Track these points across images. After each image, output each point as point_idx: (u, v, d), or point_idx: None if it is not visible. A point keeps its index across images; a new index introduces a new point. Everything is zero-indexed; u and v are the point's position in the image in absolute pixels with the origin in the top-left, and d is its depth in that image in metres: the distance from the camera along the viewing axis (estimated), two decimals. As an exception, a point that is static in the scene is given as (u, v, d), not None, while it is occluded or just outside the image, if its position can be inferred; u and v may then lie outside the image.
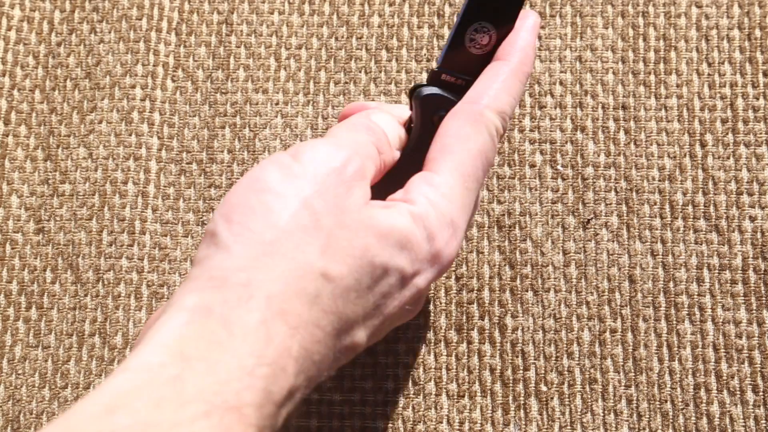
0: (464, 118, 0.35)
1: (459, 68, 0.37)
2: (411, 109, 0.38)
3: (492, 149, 0.36)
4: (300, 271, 0.29)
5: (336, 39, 0.49)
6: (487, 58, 0.37)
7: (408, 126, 0.38)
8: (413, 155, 0.37)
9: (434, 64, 0.46)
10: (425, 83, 0.37)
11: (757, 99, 0.47)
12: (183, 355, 0.27)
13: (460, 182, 0.34)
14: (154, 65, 0.49)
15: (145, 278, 0.46)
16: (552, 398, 0.44)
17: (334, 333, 0.30)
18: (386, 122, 0.37)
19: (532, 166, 0.46)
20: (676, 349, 0.44)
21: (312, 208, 0.30)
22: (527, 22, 0.37)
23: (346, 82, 0.48)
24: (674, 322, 0.44)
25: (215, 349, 0.27)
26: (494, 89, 0.36)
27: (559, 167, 0.46)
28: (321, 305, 0.30)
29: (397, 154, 0.36)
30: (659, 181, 0.46)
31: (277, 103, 0.48)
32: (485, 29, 0.37)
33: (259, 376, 0.27)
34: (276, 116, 0.48)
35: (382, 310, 0.32)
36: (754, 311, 0.44)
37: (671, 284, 0.45)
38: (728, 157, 0.46)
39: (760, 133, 0.46)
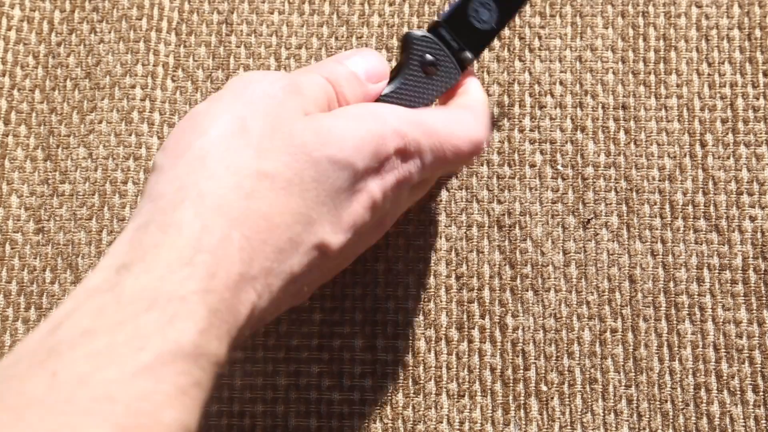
0: (458, 111, 0.38)
1: (457, 33, 0.38)
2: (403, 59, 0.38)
3: (464, 145, 0.37)
4: (233, 169, 0.30)
5: (336, 39, 0.49)
6: (486, 34, 0.39)
7: (395, 69, 0.39)
8: (402, 98, 0.38)
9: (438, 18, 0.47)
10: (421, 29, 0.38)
11: (757, 99, 0.47)
12: (122, 266, 0.27)
13: (422, 126, 0.35)
14: (154, 65, 0.49)
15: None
16: (552, 398, 0.44)
17: (284, 225, 0.30)
18: (357, 60, 0.37)
19: (532, 165, 0.46)
20: (676, 349, 0.44)
21: (242, 118, 0.31)
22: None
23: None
24: (674, 322, 0.44)
25: (152, 250, 0.28)
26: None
27: (559, 167, 0.46)
28: (261, 198, 0.30)
29: (374, 87, 0.37)
30: (659, 181, 0.46)
31: (277, 103, 0.48)
32: (488, 5, 0.38)
33: (199, 263, 0.28)
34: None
35: (340, 208, 0.33)
36: (754, 311, 0.44)
37: (671, 284, 0.45)
38: (728, 157, 0.46)
39: (760, 133, 0.46)
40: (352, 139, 0.32)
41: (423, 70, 0.38)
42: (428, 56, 0.38)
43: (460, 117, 0.37)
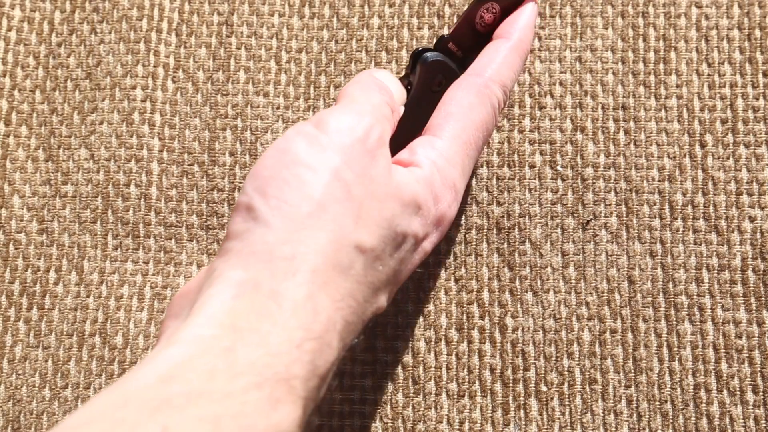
0: (469, 89, 0.37)
1: (462, 41, 0.39)
2: (410, 69, 0.39)
3: (493, 120, 0.38)
4: (337, 243, 0.30)
5: (336, 42, 0.49)
6: (485, 36, 0.40)
7: (406, 86, 0.39)
8: (409, 115, 0.38)
9: (446, 31, 0.48)
10: (430, 48, 0.39)
11: (757, 99, 0.47)
12: (234, 327, 0.27)
13: (462, 149, 0.36)
14: (154, 66, 0.49)
15: (149, 280, 0.46)
16: (552, 398, 0.44)
17: (364, 302, 0.31)
18: (390, 79, 0.37)
19: (532, 166, 0.46)
20: (676, 349, 0.44)
21: (343, 179, 0.31)
22: (527, 6, 0.40)
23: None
24: (674, 322, 0.44)
25: (266, 321, 0.28)
26: (497, 64, 0.38)
27: (558, 168, 0.46)
28: (355, 276, 0.30)
29: (401, 110, 0.37)
30: (659, 181, 0.46)
31: (278, 108, 0.48)
32: (493, 9, 0.39)
33: (306, 350, 0.28)
34: (277, 121, 0.48)
35: (399, 275, 0.34)
36: (753, 311, 0.44)
37: (670, 285, 0.45)
38: (728, 158, 0.46)
39: (760, 134, 0.46)
40: (422, 208, 0.33)
41: (431, 89, 0.39)
42: (438, 76, 0.39)
43: (482, 115, 0.37)
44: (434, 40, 0.47)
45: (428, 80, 0.39)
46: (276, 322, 0.28)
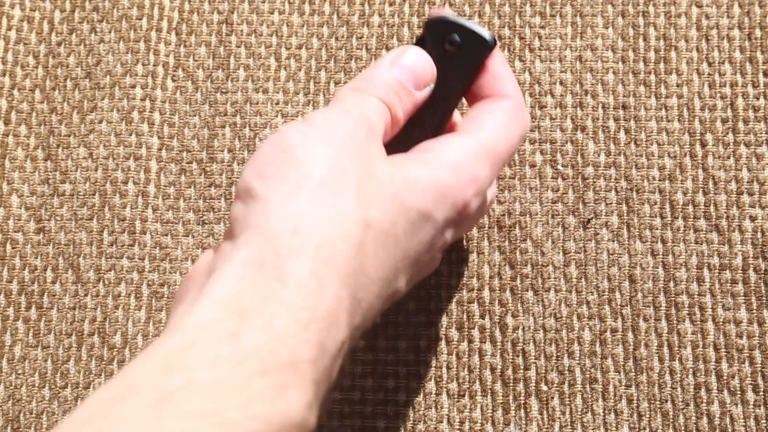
0: (505, 109, 0.36)
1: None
2: (423, 42, 0.37)
3: (518, 144, 0.37)
4: (342, 216, 0.29)
5: (336, 39, 0.49)
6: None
7: None
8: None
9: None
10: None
11: (758, 99, 0.47)
12: (238, 310, 0.27)
13: (487, 154, 0.35)
14: (154, 65, 0.49)
15: (146, 278, 0.46)
16: (552, 398, 0.44)
17: (378, 281, 0.31)
18: (407, 64, 0.36)
19: (533, 166, 0.46)
20: (676, 348, 0.44)
21: (339, 161, 0.30)
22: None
23: (347, 82, 0.48)
24: (675, 321, 0.44)
25: (270, 302, 0.27)
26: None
27: (559, 167, 0.46)
28: (365, 252, 0.30)
29: (421, 95, 0.36)
30: (659, 180, 0.46)
31: (277, 103, 0.48)
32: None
33: (313, 331, 0.27)
34: (276, 116, 0.48)
35: (417, 257, 0.33)
36: (754, 311, 0.44)
37: (671, 284, 0.45)
38: (728, 157, 0.46)
39: (761, 133, 0.46)
40: (436, 191, 0.32)
41: (444, 49, 0.37)
42: (450, 34, 0.37)
43: (512, 116, 0.36)
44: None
45: (438, 42, 0.37)
46: (281, 303, 0.27)
